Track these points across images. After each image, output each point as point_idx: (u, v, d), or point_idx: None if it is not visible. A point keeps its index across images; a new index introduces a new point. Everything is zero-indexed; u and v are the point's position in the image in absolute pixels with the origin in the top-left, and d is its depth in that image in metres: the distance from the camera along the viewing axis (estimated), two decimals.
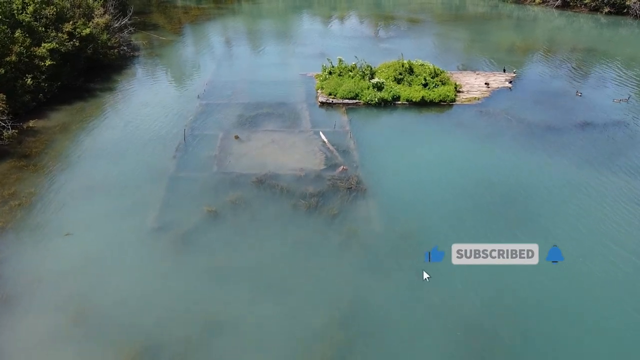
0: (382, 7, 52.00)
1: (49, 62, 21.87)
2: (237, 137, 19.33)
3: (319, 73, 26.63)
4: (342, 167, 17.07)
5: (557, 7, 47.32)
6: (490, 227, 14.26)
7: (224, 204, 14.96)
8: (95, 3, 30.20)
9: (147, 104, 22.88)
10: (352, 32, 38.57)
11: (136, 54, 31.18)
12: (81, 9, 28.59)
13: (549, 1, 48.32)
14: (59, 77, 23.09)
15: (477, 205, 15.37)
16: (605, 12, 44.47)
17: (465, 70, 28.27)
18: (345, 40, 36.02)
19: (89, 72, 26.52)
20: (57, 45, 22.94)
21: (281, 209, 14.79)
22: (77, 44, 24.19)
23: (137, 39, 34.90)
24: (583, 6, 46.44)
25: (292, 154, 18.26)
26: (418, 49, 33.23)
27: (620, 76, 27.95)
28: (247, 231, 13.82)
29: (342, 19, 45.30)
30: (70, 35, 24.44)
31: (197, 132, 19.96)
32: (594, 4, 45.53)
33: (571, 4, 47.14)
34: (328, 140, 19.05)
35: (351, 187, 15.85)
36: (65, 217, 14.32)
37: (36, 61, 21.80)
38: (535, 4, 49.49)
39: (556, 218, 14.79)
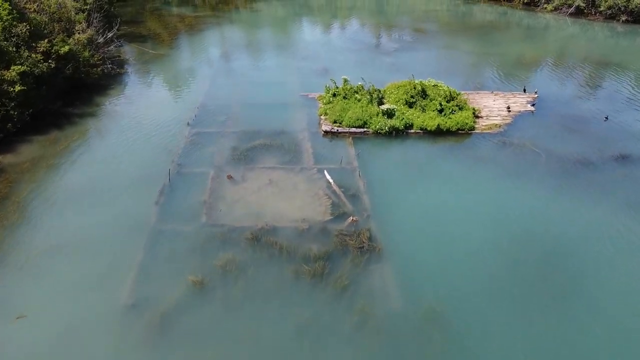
0: (384, 15, 49.65)
1: (19, 88, 19.45)
2: (230, 177, 16.94)
3: (321, 94, 24.24)
4: (351, 217, 14.68)
5: (571, 14, 45.00)
6: (530, 302, 11.88)
7: (212, 271, 12.55)
8: (78, 16, 27.79)
9: (130, 133, 20.45)
10: (355, 44, 36.16)
11: (123, 71, 28.73)
12: (62, 23, 26.18)
13: (561, 8, 45.97)
14: (31, 103, 20.62)
15: (512, 268, 13.00)
16: (622, 21, 42.20)
17: (481, 90, 25.89)
18: (348, 53, 33.63)
19: (69, 94, 24.08)
20: (30, 68, 20.51)
21: (281, 277, 12.39)
22: (53, 64, 21.72)
23: (126, 53, 32.49)
24: (598, 14, 44.13)
25: (293, 199, 15.87)
26: (426, 64, 30.89)
27: None
28: (240, 311, 11.41)
29: (343, 28, 42.91)
30: (46, 54, 22.01)
31: (185, 170, 17.56)
32: (609, 12, 43.23)
33: (585, 11, 44.84)
34: (334, 181, 16.66)
35: (363, 246, 13.47)
36: (21, 292, 11.90)
37: (5, 86, 19.38)
38: (546, 11, 47.15)
39: (606, 285, 12.43)
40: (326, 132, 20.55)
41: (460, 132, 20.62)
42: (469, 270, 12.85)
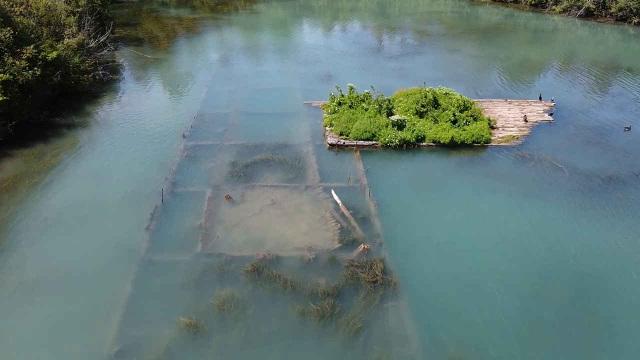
0: (387, 16, 48.28)
1: (1, 98, 18.03)
2: (228, 198, 15.53)
3: (325, 102, 22.89)
4: (362, 246, 13.28)
5: (580, 16, 43.65)
6: (562, 347, 10.50)
7: (207, 311, 11.15)
8: (68, 19, 26.37)
9: (122, 146, 19.05)
10: (358, 48, 34.78)
11: (116, 76, 27.31)
12: (51, 27, 24.78)
13: (570, 10, 44.64)
14: (15, 114, 19.25)
15: (540, 304, 11.63)
16: (635, 23, 40.84)
17: (494, 98, 24.47)
18: (351, 57, 32.26)
19: (57, 103, 22.72)
20: (13, 76, 19.10)
21: (285, 319, 10.98)
22: (39, 72, 20.28)
23: (120, 57, 31.11)
24: (609, 16, 42.79)
25: (298, 222, 14.47)
26: (433, 69, 29.56)
27: None
28: None
29: (345, 30, 41.56)
30: (32, 61, 20.57)
31: (179, 189, 16.16)
32: (620, 14, 41.91)
33: (595, 13, 43.50)
34: (342, 202, 15.27)
35: (376, 280, 12.07)
36: None
37: None
38: (555, 13, 45.82)
39: None
40: (332, 145, 19.14)
41: (475, 144, 19.24)
42: (494, 308, 11.47)
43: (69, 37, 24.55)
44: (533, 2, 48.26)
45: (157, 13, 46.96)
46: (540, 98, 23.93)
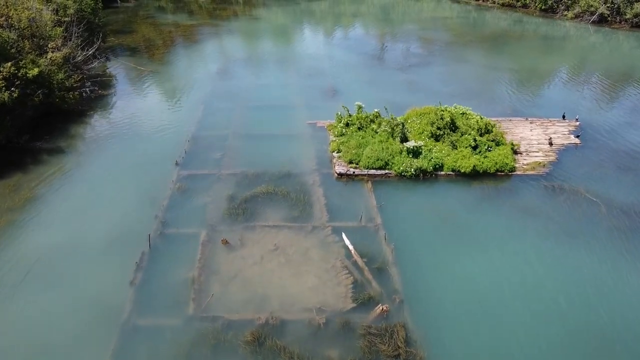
0: (390, 22, 46.44)
1: None
2: (225, 242, 13.70)
3: (331, 122, 21.06)
4: (380, 306, 11.44)
5: (593, 22, 41.85)
6: None
7: None
8: (54, 30, 24.47)
9: (107, 176, 17.22)
10: (363, 58, 32.93)
11: (106, 92, 25.44)
12: (34, 40, 22.92)
13: (583, 16, 42.84)
14: None
15: None
16: None
17: (514, 117, 22.59)
18: (357, 69, 30.43)
19: (39, 124, 20.86)
20: None
21: None
22: (16, 94, 18.41)
23: (112, 69, 29.25)
24: (623, 22, 41.03)
25: (305, 274, 12.64)
26: (444, 83, 27.73)
27: None
28: None
29: (349, 39, 39.73)
30: (9, 80, 18.72)
31: (169, 230, 14.32)
32: (636, 20, 40.16)
33: (609, 19, 41.72)
34: (354, 248, 13.43)
35: (399, 355, 10.25)
36: None
37: None
38: (567, 19, 44.02)
39: None
40: (340, 175, 17.30)
41: (499, 173, 17.43)
42: None
43: (53, 51, 22.67)
44: (543, 7, 46.52)
45: (153, 19, 45.08)
46: (563, 117, 22.11)
